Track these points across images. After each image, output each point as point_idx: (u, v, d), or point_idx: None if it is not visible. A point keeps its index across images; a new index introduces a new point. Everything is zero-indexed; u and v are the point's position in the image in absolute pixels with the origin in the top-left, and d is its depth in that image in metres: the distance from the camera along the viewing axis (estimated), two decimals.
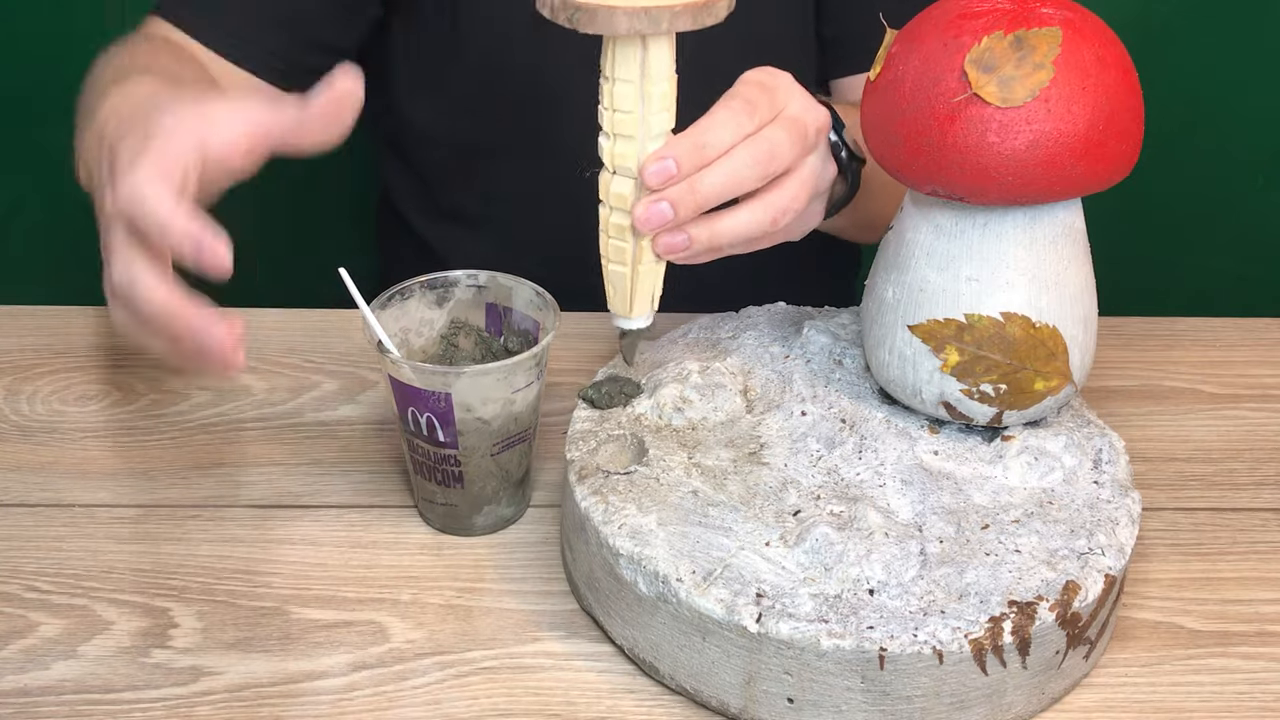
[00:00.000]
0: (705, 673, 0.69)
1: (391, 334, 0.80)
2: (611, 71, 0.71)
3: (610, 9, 0.68)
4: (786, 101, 0.76)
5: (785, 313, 0.89)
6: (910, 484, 0.74)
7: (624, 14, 0.68)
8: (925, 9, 0.74)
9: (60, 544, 0.80)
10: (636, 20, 0.68)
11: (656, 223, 0.72)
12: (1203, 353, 1.00)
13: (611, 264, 0.75)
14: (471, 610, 0.76)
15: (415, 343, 0.82)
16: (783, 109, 0.75)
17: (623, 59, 0.71)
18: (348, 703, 0.71)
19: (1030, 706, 0.70)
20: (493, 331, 0.83)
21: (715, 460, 0.76)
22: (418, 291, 0.82)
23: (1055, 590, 0.68)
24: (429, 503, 0.81)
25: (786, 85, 0.76)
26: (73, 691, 0.71)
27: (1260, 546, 0.82)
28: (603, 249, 0.76)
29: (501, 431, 0.78)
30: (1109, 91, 0.70)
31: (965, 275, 0.74)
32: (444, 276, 0.82)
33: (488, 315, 0.83)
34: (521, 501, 0.83)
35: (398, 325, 0.81)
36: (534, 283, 0.81)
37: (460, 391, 0.75)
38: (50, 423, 0.90)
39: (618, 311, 0.78)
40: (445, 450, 0.77)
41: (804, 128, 0.75)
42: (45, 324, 0.99)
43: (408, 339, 0.82)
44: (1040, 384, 0.75)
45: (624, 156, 0.72)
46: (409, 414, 0.77)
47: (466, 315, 0.83)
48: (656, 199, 0.72)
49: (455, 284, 0.82)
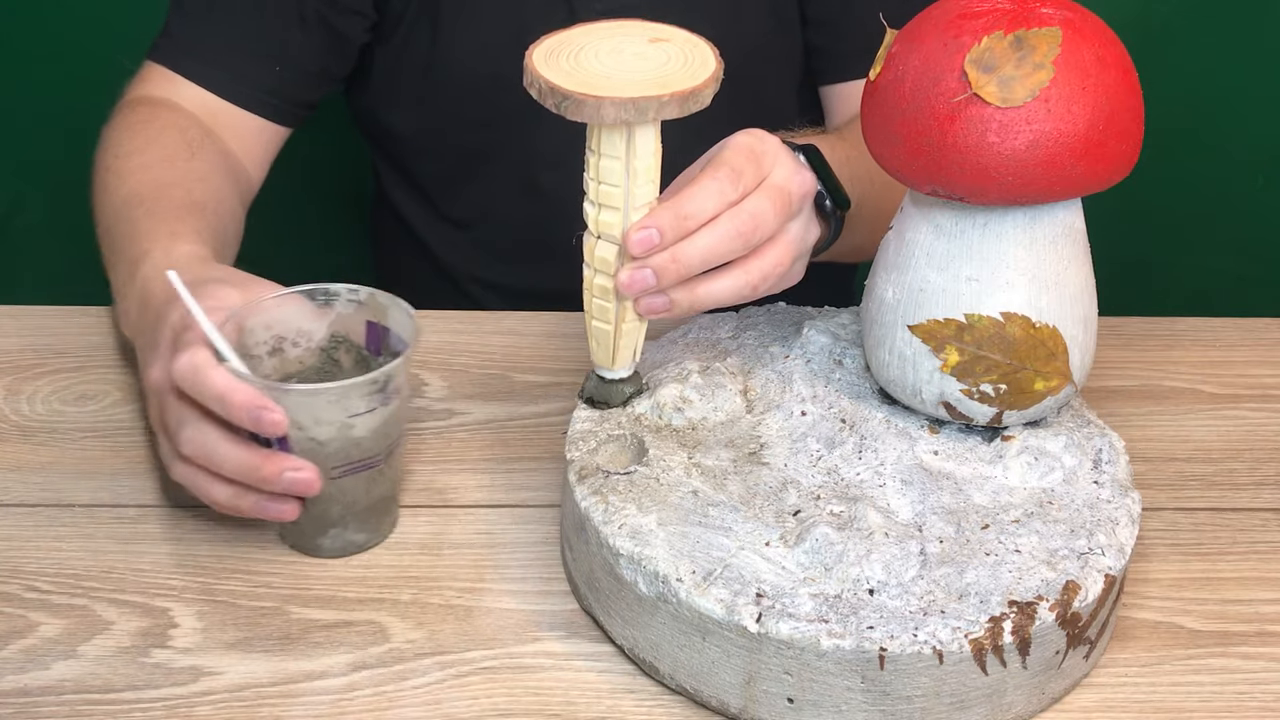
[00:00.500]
0: (705, 673, 0.69)
1: (261, 340, 0.78)
2: (598, 147, 0.72)
3: (598, 100, 0.69)
4: (772, 167, 0.77)
5: (785, 313, 0.89)
6: (910, 484, 0.74)
7: (611, 105, 0.69)
8: (925, 9, 0.74)
9: (60, 544, 0.80)
10: (624, 110, 0.69)
11: (639, 288, 0.74)
12: (1203, 353, 1.00)
13: (596, 321, 0.77)
14: (471, 610, 0.76)
15: (291, 352, 0.79)
16: (767, 175, 0.76)
17: (608, 140, 0.72)
18: (348, 703, 0.71)
19: (1030, 706, 0.70)
20: (372, 350, 0.80)
21: (715, 460, 0.76)
22: (295, 299, 0.79)
23: (1055, 590, 0.68)
24: None
25: (773, 150, 0.77)
26: (73, 691, 0.71)
27: (1260, 546, 0.82)
28: (586, 306, 0.77)
29: (340, 455, 0.74)
30: (1109, 91, 0.70)
31: (965, 275, 0.74)
32: (325, 288, 0.79)
33: (368, 332, 0.80)
34: (376, 529, 0.80)
35: (270, 333, 0.78)
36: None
37: (290, 409, 0.72)
38: (50, 423, 0.90)
39: (600, 364, 0.79)
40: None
41: (788, 196, 0.77)
42: (45, 324, 0.99)
43: (282, 347, 0.79)
44: (1040, 384, 0.75)
45: (609, 225, 0.74)
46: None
47: (348, 330, 0.80)
48: (640, 266, 0.74)
49: (336, 297, 0.79)
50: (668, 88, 0.71)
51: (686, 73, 0.72)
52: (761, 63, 1.09)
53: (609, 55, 0.72)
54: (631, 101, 0.69)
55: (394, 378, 0.75)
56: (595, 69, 0.71)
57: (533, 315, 1.00)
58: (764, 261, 0.77)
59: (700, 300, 0.76)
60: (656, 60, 0.73)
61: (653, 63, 0.73)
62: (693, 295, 0.76)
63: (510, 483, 0.86)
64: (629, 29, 0.75)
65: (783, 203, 0.76)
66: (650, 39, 0.74)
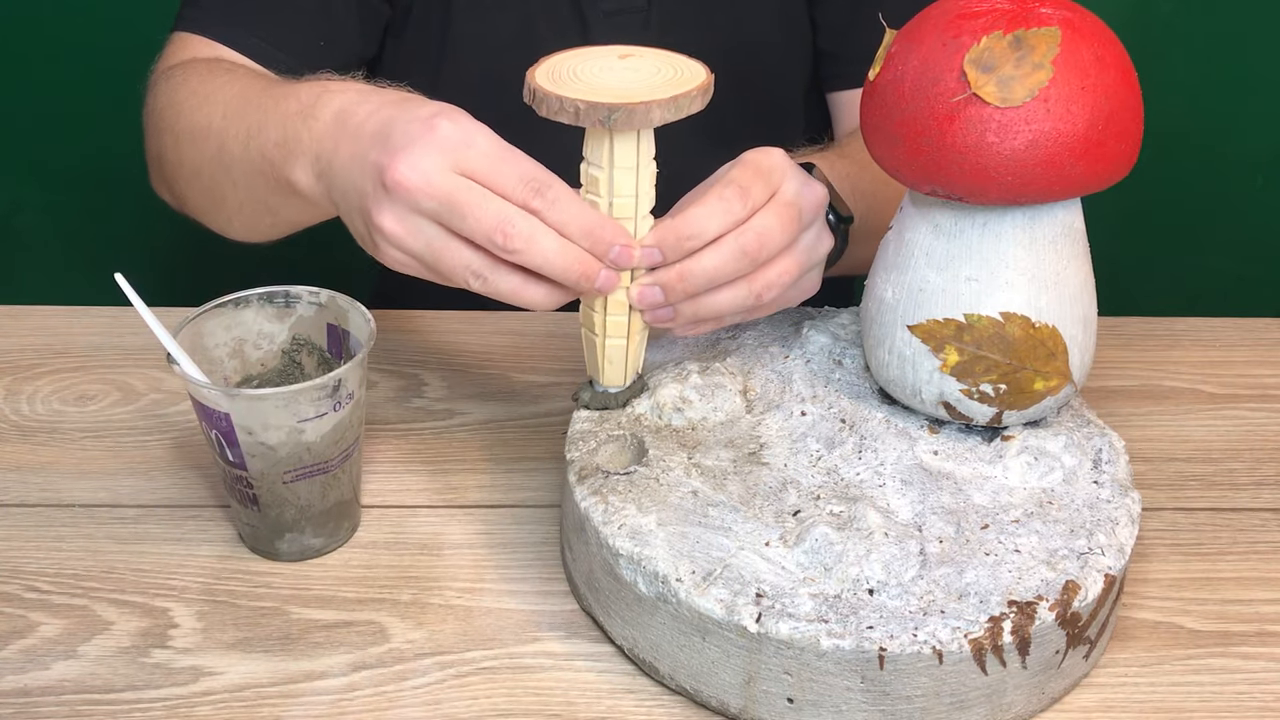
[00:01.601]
0: (705, 673, 0.70)
1: (221, 342, 0.78)
2: (609, 161, 0.72)
3: (646, 105, 0.70)
4: (781, 183, 0.77)
5: (785, 313, 0.89)
6: (910, 484, 0.74)
7: (658, 107, 0.70)
8: (925, 9, 0.74)
9: (60, 544, 0.80)
10: (668, 110, 0.70)
11: (648, 304, 0.75)
12: (1203, 353, 1.00)
13: (610, 339, 0.77)
14: (471, 610, 0.76)
15: (252, 355, 0.80)
16: (777, 190, 0.76)
17: (621, 151, 0.72)
18: (348, 703, 0.71)
19: (1030, 706, 0.70)
20: (334, 353, 0.80)
21: (715, 460, 0.76)
22: (255, 302, 0.79)
23: (1055, 590, 0.68)
24: (237, 519, 0.80)
25: (781, 166, 0.77)
26: (73, 691, 0.71)
27: (1260, 546, 0.82)
28: (597, 327, 0.77)
29: (291, 460, 0.74)
30: (1108, 91, 0.70)
31: (965, 275, 0.74)
32: (285, 290, 0.79)
33: (329, 335, 0.80)
34: (333, 534, 0.80)
35: (230, 335, 0.78)
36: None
37: (239, 414, 0.72)
38: (50, 423, 0.90)
39: (611, 382, 0.79)
40: (237, 470, 0.75)
41: (797, 211, 0.76)
42: (45, 324, 0.99)
43: (243, 349, 0.79)
44: (1040, 384, 0.75)
45: None
46: (203, 427, 0.75)
47: (309, 333, 0.80)
48: (650, 283, 0.75)
49: (298, 300, 0.79)
50: (683, 85, 0.71)
51: (678, 76, 0.73)
52: (771, 67, 1.09)
53: (604, 73, 0.73)
54: (672, 100, 0.70)
55: (345, 382, 0.74)
56: (607, 83, 0.72)
57: (533, 315, 1.00)
58: (769, 273, 0.76)
59: (703, 311, 0.76)
60: (646, 70, 0.74)
61: (644, 73, 0.73)
62: (696, 305, 0.76)
63: (510, 483, 0.86)
64: (594, 53, 0.75)
65: (791, 218, 0.76)
66: (620, 56, 0.75)
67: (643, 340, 0.79)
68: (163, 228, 1.61)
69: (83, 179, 1.65)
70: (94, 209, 1.68)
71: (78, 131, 1.62)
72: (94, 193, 1.66)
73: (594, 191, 0.73)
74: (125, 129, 1.36)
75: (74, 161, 1.63)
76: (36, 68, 1.58)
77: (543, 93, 0.70)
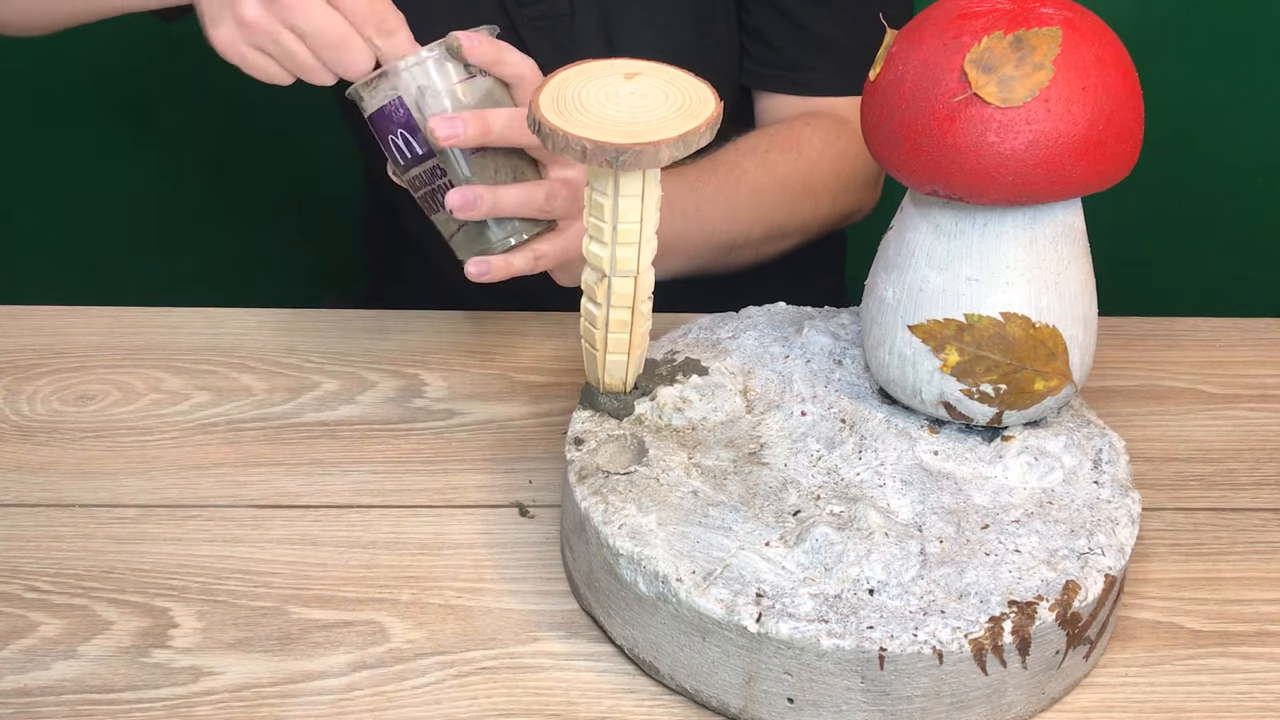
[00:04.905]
0: (705, 673, 0.70)
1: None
2: (614, 190, 0.72)
3: (655, 146, 0.70)
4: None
5: (785, 313, 0.89)
6: (910, 484, 0.74)
7: (668, 146, 0.70)
8: (925, 9, 0.74)
9: (60, 544, 0.80)
10: (676, 149, 0.70)
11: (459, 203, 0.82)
12: (1203, 353, 1.00)
13: (612, 355, 0.78)
14: (471, 610, 0.76)
15: None
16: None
17: (627, 181, 0.72)
18: (348, 703, 0.71)
19: (1030, 706, 0.70)
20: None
21: (715, 460, 0.76)
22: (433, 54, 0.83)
23: (1055, 590, 0.68)
24: (453, 237, 0.85)
25: None
26: (73, 691, 0.71)
27: (1260, 546, 0.82)
28: (598, 343, 0.77)
29: None
30: (1109, 91, 0.70)
31: (965, 275, 0.74)
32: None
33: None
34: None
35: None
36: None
37: (404, 89, 0.79)
38: (50, 423, 0.90)
39: (610, 389, 0.80)
40: (429, 163, 0.81)
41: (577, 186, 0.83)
42: (45, 324, 0.99)
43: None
44: (1040, 384, 0.75)
45: (625, 260, 0.74)
46: (391, 144, 0.80)
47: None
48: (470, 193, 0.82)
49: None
50: (691, 119, 0.71)
51: (686, 105, 0.72)
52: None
53: (610, 102, 0.72)
54: (680, 139, 0.70)
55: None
56: (613, 116, 0.71)
57: (533, 315, 1.00)
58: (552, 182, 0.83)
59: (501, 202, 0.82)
60: (654, 98, 0.73)
61: (651, 100, 0.73)
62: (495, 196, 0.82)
63: (510, 483, 0.86)
64: (598, 71, 0.75)
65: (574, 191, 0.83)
66: (625, 75, 0.74)
67: (643, 355, 0.79)
68: (163, 227, 1.61)
69: (83, 180, 1.65)
70: (94, 209, 1.67)
71: (78, 132, 1.62)
72: (94, 192, 1.65)
73: (598, 217, 0.73)
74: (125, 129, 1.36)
75: (74, 162, 1.63)
76: (37, 67, 1.57)
77: (549, 127, 0.70)
